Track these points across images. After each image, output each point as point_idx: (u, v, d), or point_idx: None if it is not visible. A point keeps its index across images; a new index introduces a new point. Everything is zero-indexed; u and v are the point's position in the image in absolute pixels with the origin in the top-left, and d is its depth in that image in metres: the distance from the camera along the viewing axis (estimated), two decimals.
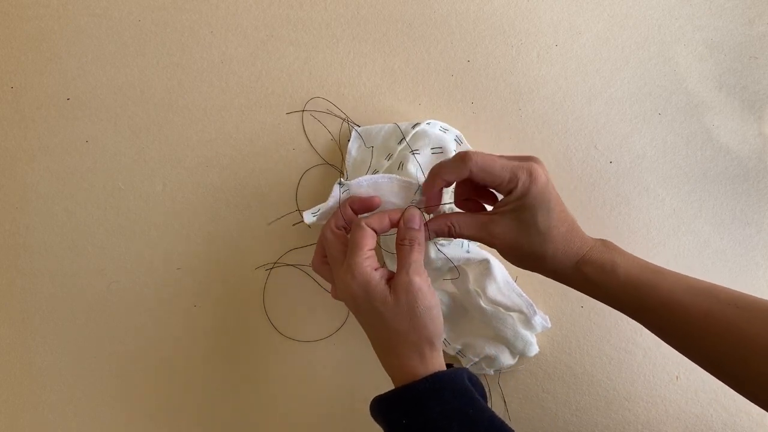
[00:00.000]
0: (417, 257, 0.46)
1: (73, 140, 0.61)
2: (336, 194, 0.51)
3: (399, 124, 0.58)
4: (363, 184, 0.51)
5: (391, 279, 0.46)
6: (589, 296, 0.48)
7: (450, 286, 0.60)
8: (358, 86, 0.62)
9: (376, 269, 0.46)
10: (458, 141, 0.59)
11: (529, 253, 0.46)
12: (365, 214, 0.49)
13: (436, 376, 0.45)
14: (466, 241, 0.57)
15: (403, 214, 0.48)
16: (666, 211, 0.62)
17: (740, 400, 0.62)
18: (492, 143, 0.62)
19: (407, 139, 0.56)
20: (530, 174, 0.44)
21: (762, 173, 0.63)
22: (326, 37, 0.62)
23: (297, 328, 0.62)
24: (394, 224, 0.48)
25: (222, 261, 0.61)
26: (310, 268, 0.61)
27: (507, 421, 0.62)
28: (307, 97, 0.62)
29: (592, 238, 0.48)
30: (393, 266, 0.58)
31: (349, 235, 0.49)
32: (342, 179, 0.52)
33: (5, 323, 0.61)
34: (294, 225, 0.61)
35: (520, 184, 0.44)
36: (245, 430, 0.62)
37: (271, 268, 0.62)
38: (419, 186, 0.52)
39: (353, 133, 0.60)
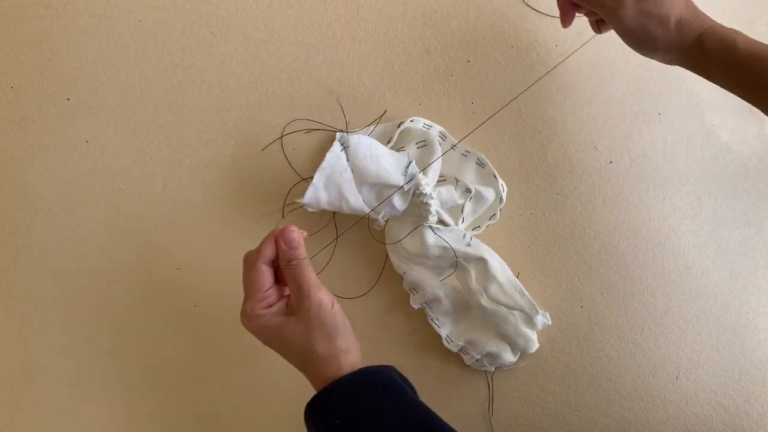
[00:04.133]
0: (310, 274, 0.48)
1: (73, 140, 0.61)
2: (336, 150, 0.52)
3: (383, 125, 0.60)
4: (361, 142, 0.54)
5: (289, 303, 0.48)
6: (701, 74, 0.50)
7: (454, 282, 0.60)
8: (358, 86, 0.62)
9: (272, 306, 0.48)
10: (442, 137, 0.60)
11: (656, 25, 0.47)
12: (263, 248, 0.48)
13: (364, 371, 0.46)
14: (468, 234, 0.58)
15: (282, 233, 0.48)
16: (666, 211, 0.62)
17: (740, 400, 0.63)
18: (492, 143, 0.62)
19: (394, 138, 0.58)
20: None
21: (762, 173, 0.63)
22: (326, 37, 0.62)
23: None
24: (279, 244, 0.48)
25: (222, 261, 0.61)
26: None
27: (505, 421, 0.62)
28: (308, 97, 0.62)
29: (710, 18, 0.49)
30: (397, 261, 0.59)
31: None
32: (342, 135, 0.53)
33: (5, 323, 0.61)
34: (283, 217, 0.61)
35: None
36: (245, 429, 0.62)
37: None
38: (409, 161, 0.55)
39: (337, 136, 0.59)
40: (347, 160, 0.55)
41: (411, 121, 0.59)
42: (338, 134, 0.57)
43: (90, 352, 0.62)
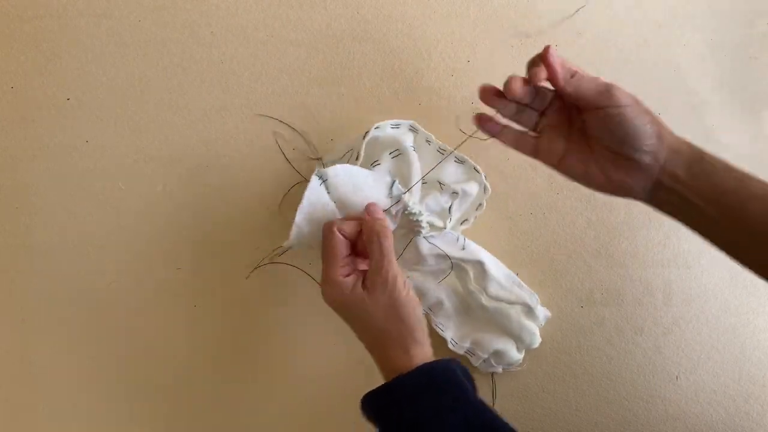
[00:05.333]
0: (388, 246, 0.48)
1: (73, 140, 0.61)
2: (315, 186, 0.50)
3: (352, 142, 0.58)
4: (339, 173, 0.51)
5: (365, 278, 0.48)
6: (681, 201, 0.46)
7: (454, 283, 0.60)
8: (358, 86, 0.62)
9: (348, 275, 0.48)
10: (414, 129, 0.58)
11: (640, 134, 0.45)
12: (338, 219, 0.51)
13: (426, 368, 0.45)
14: (462, 237, 0.57)
15: (366, 208, 0.50)
16: None
17: (740, 400, 0.63)
18: (491, 143, 0.62)
19: (362, 153, 0.55)
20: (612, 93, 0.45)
21: (762, 173, 0.63)
22: (326, 37, 0.62)
23: (297, 327, 0.62)
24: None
25: (222, 261, 0.61)
26: (309, 267, 0.61)
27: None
28: (308, 97, 0.62)
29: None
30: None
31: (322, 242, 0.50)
32: (319, 169, 0.51)
33: (5, 323, 0.61)
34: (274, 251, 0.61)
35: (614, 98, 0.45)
36: (245, 429, 0.62)
37: (263, 264, 0.62)
38: (393, 181, 0.53)
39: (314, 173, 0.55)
40: (328, 193, 0.52)
41: (376, 128, 0.56)
42: (316, 169, 0.53)
43: (90, 352, 0.62)
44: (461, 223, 0.60)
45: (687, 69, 0.63)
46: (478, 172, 0.58)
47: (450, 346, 0.60)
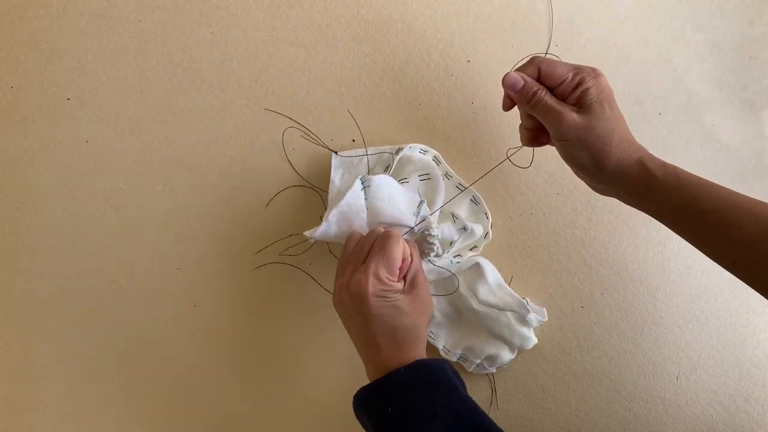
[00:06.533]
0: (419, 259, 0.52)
1: (73, 140, 0.61)
2: (357, 189, 0.53)
3: (379, 149, 0.59)
4: (384, 182, 0.54)
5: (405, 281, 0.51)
6: (637, 198, 0.49)
7: (443, 290, 0.60)
8: (358, 86, 0.62)
9: (399, 280, 0.50)
10: (437, 161, 0.60)
11: (597, 140, 0.47)
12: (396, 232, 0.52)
13: (423, 364, 0.47)
14: (455, 259, 0.59)
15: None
16: None
17: (740, 400, 0.63)
18: (492, 144, 0.62)
19: (393, 167, 0.58)
20: (593, 70, 0.49)
21: (762, 173, 0.63)
22: (326, 37, 0.62)
23: (296, 327, 0.62)
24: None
25: (222, 261, 0.61)
26: (310, 268, 0.61)
27: (505, 421, 0.62)
28: (308, 97, 0.62)
29: None
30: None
31: (378, 240, 0.51)
32: (364, 175, 0.54)
33: (5, 323, 0.61)
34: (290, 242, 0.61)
35: (587, 78, 0.48)
36: (245, 428, 0.62)
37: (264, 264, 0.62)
38: (422, 201, 0.56)
39: (334, 160, 0.59)
40: (366, 199, 0.54)
41: (409, 147, 0.58)
42: (359, 176, 0.56)
43: (90, 351, 0.62)
44: (454, 257, 0.61)
45: (687, 69, 0.63)
46: (487, 218, 0.60)
47: (442, 354, 0.60)
